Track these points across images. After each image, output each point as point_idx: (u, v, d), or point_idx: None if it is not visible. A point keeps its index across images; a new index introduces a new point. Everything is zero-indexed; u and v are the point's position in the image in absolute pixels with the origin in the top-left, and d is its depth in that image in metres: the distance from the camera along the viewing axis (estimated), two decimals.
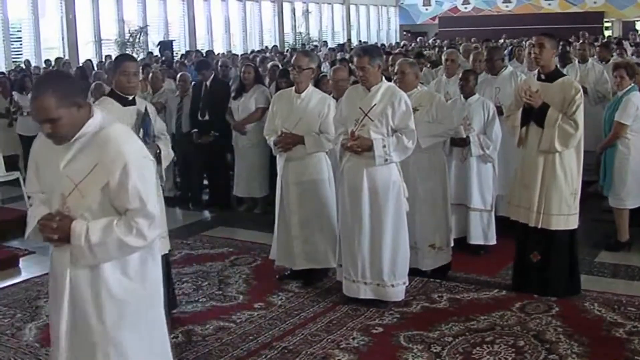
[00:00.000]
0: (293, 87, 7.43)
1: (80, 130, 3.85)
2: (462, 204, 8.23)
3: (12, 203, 11.79)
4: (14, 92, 14.28)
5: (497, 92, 8.84)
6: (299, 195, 7.38)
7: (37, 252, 9.25)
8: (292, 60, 7.27)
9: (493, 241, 8.28)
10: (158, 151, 6.44)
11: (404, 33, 41.99)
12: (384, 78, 6.78)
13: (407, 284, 6.91)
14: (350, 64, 12.22)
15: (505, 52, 17.55)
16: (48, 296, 7.36)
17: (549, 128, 6.64)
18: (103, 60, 22.52)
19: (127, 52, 25.65)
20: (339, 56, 19.88)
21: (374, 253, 6.73)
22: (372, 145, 6.52)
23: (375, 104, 6.59)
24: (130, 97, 6.43)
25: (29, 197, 4.39)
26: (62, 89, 3.76)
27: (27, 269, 8.70)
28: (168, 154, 6.68)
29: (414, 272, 7.45)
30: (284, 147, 7.33)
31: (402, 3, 46.31)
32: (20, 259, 9.03)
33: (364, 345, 6.11)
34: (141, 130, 6.30)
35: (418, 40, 29.84)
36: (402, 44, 30.14)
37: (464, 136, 8.02)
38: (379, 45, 29.57)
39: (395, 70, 7.61)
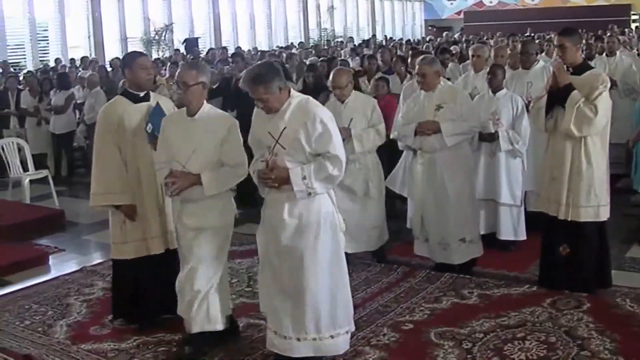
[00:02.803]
0: (184, 108, 5.94)
1: None
2: (491, 199, 8.17)
3: (41, 201, 11.88)
4: (51, 91, 14.39)
5: (528, 87, 8.72)
6: (198, 245, 5.85)
7: (67, 250, 9.32)
8: (176, 77, 5.94)
9: (523, 237, 8.22)
10: None
11: (429, 28, 41.96)
12: (292, 92, 5.49)
13: (350, 331, 5.80)
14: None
15: None
16: (78, 293, 7.48)
17: (569, 108, 6.56)
18: None
19: (153, 50, 25.83)
20: (365, 52, 19.90)
21: (302, 304, 5.50)
22: (288, 180, 5.32)
23: (285, 127, 5.31)
24: (142, 94, 6.46)
25: None
26: None
27: (57, 267, 8.77)
28: None
29: (443, 268, 7.46)
30: (176, 190, 5.74)
31: None
32: (50, 257, 9.09)
33: (395, 342, 6.08)
34: (149, 124, 6.29)
35: (444, 35, 29.69)
36: (427, 38, 30.04)
37: (492, 131, 7.97)
38: (403, 41, 29.49)
39: (416, 72, 7.56)
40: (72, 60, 22.46)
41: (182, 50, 25.99)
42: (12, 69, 20.47)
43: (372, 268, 7.83)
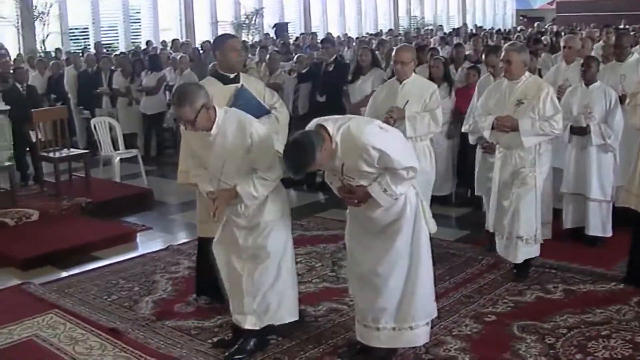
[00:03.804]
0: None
1: None
2: (580, 193, 8.02)
3: (130, 180, 12.15)
4: (142, 72, 14.63)
5: (622, 80, 8.49)
6: (251, 242, 5.66)
7: (154, 228, 9.50)
8: (175, 115, 5.54)
9: (609, 233, 8.04)
10: None
11: (520, 18, 41.38)
12: (330, 131, 5.01)
13: (430, 324, 5.67)
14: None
15: None
16: (164, 271, 7.63)
17: None
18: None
19: (243, 34, 26.09)
20: (455, 40, 19.74)
21: (382, 293, 5.44)
22: (371, 195, 5.19)
23: (342, 164, 5.12)
24: (232, 75, 6.48)
25: None
26: None
27: (144, 244, 8.97)
28: (274, 127, 6.35)
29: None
30: (221, 214, 5.64)
31: None
32: (138, 235, 9.28)
33: (477, 333, 6.04)
34: (232, 108, 6.13)
35: (535, 25, 29.24)
36: (518, 28, 29.64)
37: (584, 125, 7.81)
38: (494, 30, 29.14)
39: (501, 58, 7.20)
40: (164, 42, 22.81)
41: (272, 34, 26.16)
42: (105, 50, 20.91)
43: (456, 259, 7.79)
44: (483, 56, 9.17)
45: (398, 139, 5.33)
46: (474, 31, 27.62)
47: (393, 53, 7.59)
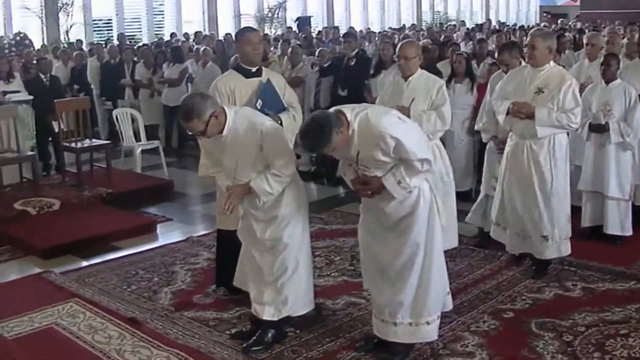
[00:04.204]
0: None
1: None
2: (599, 191, 7.97)
3: (152, 171, 12.19)
4: (164, 64, 14.67)
5: None
6: (268, 234, 5.68)
7: (174, 220, 9.54)
8: (187, 130, 5.57)
9: (629, 232, 7.99)
10: (279, 122, 6.19)
11: (544, 14, 41.12)
12: (348, 117, 5.05)
13: (440, 317, 5.65)
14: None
15: None
16: (184, 262, 7.66)
17: None
18: None
19: (265, 27, 26.12)
20: (477, 36, 19.66)
21: (400, 288, 5.46)
22: (384, 186, 5.20)
23: (358, 152, 5.15)
24: (254, 69, 6.50)
25: None
26: None
27: (164, 235, 9.01)
28: (291, 125, 6.37)
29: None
30: (233, 209, 5.63)
31: None
32: (158, 225, 9.32)
33: (494, 329, 6.03)
34: (258, 100, 6.27)
35: (559, 22, 29.08)
36: (542, 25, 29.47)
37: (603, 122, 7.77)
38: (517, 26, 29.03)
39: (526, 44, 7.04)
40: (186, 34, 22.85)
41: (295, 28, 26.18)
42: (128, 42, 20.99)
43: (475, 254, 7.77)
44: (496, 53, 9.02)
45: (414, 130, 5.35)
46: (497, 27, 27.50)
47: (397, 48, 7.42)
